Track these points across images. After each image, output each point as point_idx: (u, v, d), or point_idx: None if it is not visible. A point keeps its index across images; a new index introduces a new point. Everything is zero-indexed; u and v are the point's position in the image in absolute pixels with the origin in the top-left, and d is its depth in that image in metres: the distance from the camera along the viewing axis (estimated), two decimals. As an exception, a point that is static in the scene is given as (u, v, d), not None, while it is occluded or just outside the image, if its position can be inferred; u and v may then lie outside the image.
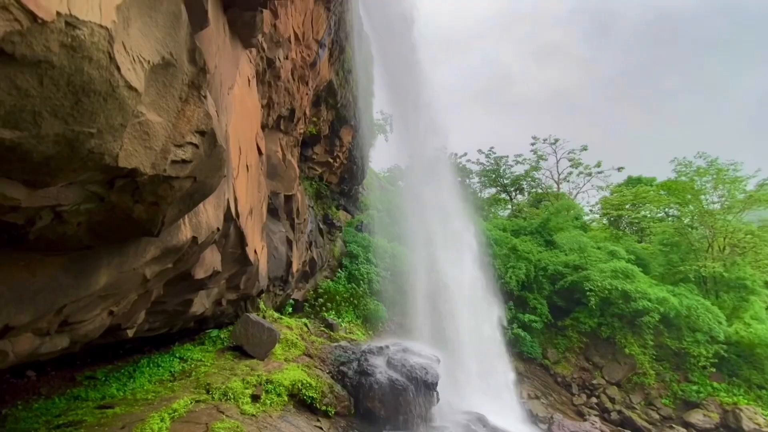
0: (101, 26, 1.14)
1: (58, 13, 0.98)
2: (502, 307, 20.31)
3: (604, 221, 31.09)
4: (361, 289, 17.28)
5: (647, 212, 27.84)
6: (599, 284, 18.74)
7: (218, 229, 4.06)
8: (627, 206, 27.25)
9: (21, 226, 1.75)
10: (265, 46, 10.86)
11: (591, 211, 33.42)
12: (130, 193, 1.92)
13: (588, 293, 18.99)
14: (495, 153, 37.11)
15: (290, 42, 12.24)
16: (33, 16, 0.92)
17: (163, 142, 1.88)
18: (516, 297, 21.44)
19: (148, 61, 1.50)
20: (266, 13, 10.07)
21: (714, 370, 17.01)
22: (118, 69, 1.27)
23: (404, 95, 19.11)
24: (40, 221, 1.85)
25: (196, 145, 2.05)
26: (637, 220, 28.47)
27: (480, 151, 37.97)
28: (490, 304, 19.11)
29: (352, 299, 16.79)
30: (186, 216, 3.41)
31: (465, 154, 39.59)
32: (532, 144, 35.95)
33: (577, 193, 35.92)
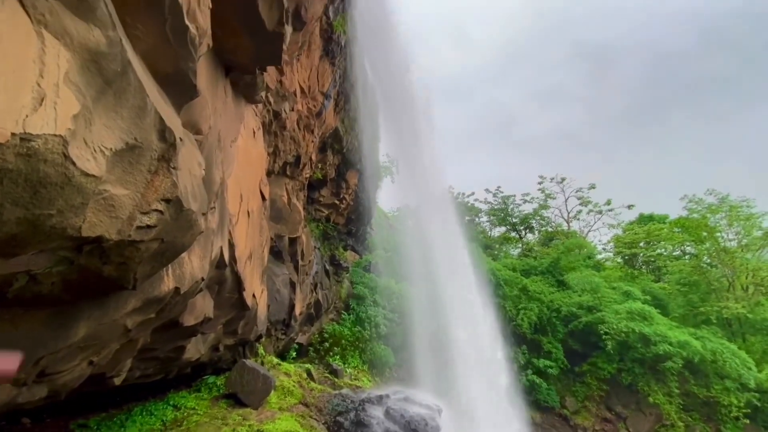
0: (55, 135, 1.41)
1: (13, 134, 1.24)
2: (514, 351, 19.54)
3: (619, 260, 30.30)
4: (368, 332, 16.96)
5: (662, 250, 27.11)
6: (615, 327, 17.97)
7: (203, 278, 4.25)
8: (640, 244, 26.65)
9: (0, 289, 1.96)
10: (271, 100, 11.61)
11: (604, 249, 32.74)
12: (98, 256, 2.14)
13: (604, 336, 18.18)
14: (502, 192, 37.37)
15: (296, 95, 13.04)
16: (-12, 141, 1.18)
17: (129, 211, 2.12)
18: (529, 340, 20.64)
19: (111, 149, 1.76)
20: (272, 70, 10.88)
21: (748, 421, 15.70)
22: (74, 163, 1.52)
23: (408, 139, 19.82)
24: (17, 283, 2.06)
25: (161, 212, 2.29)
26: (652, 259, 27.67)
27: (487, 190, 38.29)
28: (500, 349, 18.43)
29: (358, 343, 16.47)
30: (169, 267, 3.62)
31: (472, 194, 39.97)
32: (540, 183, 36.16)
33: (588, 231, 35.45)
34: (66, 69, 1.45)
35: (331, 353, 15.46)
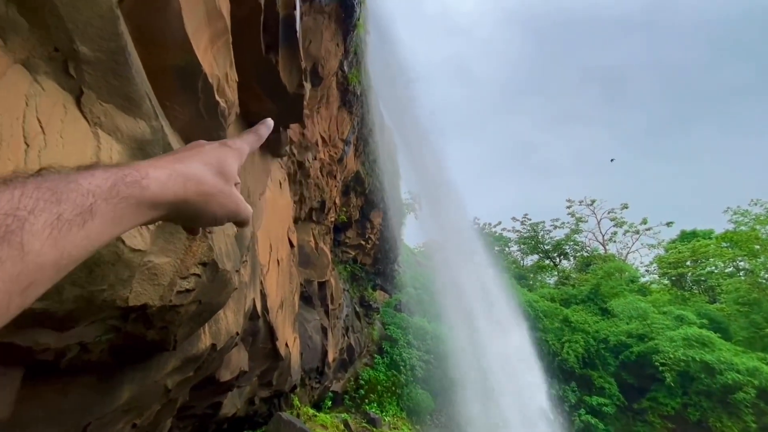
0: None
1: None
2: (563, 388, 18.17)
3: (665, 281, 28.35)
4: (403, 376, 16.35)
5: (713, 268, 25.21)
6: (672, 356, 16.50)
7: (237, 333, 4.33)
8: (687, 263, 24.95)
9: (53, 360, 2.10)
10: (295, 151, 12.21)
11: (647, 271, 30.84)
12: (142, 323, 2.26)
13: (661, 368, 16.68)
14: (530, 219, 36.60)
15: (318, 145, 13.67)
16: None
17: (170, 278, 2.26)
18: (578, 376, 19.20)
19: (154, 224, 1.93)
20: (294, 125, 11.55)
21: None
22: (123, 242, 1.68)
23: (428, 175, 20.10)
24: (69, 353, 2.20)
25: (198, 275, 2.42)
26: (703, 278, 25.72)
27: (514, 219, 37.61)
28: (546, 388, 17.21)
29: (394, 388, 15.84)
30: (206, 324, 3.73)
31: (499, 223, 39.36)
32: (568, 207, 35.25)
33: (627, 253, 33.70)
34: (117, 160, 1.64)
35: (367, 400, 14.91)
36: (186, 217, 0.59)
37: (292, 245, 11.38)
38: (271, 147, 8.07)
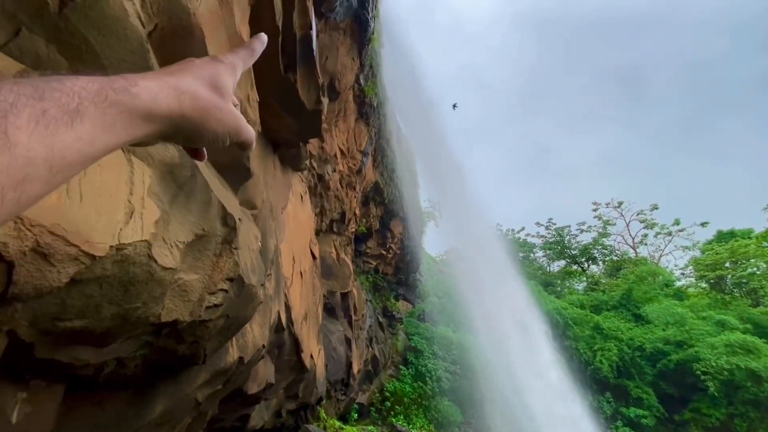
0: (142, 241, 1.66)
1: (111, 246, 1.49)
2: (597, 399, 17.41)
3: (703, 285, 26.88)
4: (429, 387, 16.10)
5: (755, 269, 23.73)
6: (714, 364, 15.56)
7: (263, 346, 4.40)
8: (726, 264, 23.61)
9: (92, 375, 2.20)
10: (315, 165, 12.44)
11: (682, 274, 29.36)
12: (174, 338, 2.35)
13: (703, 376, 15.74)
14: (555, 224, 35.65)
15: (337, 157, 13.88)
16: (93, 257, 1.43)
17: (199, 294, 2.34)
18: (613, 386, 18.38)
19: (184, 242, 2.01)
20: (313, 140, 11.80)
21: None
22: (155, 261, 1.76)
23: (446, 183, 20.00)
24: (107, 368, 2.30)
25: (226, 290, 2.50)
26: (744, 280, 24.23)
27: (538, 224, 36.77)
28: (579, 398, 16.54)
29: (421, 400, 15.61)
30: (234, 338, 3.82)
31: (522, 229, 38.53)
32: (594, 210, 34.19)
33: (660, 256, 32.23)
34: (149, 183, 1.73)
35: (393, 413, 14.73)
36: (185, 134, 0.55)
37: (314, 257, 11.52)
38: (292, 161, 8.26)
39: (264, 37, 0.82)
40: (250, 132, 0.65)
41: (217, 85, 0.59)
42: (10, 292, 1.24)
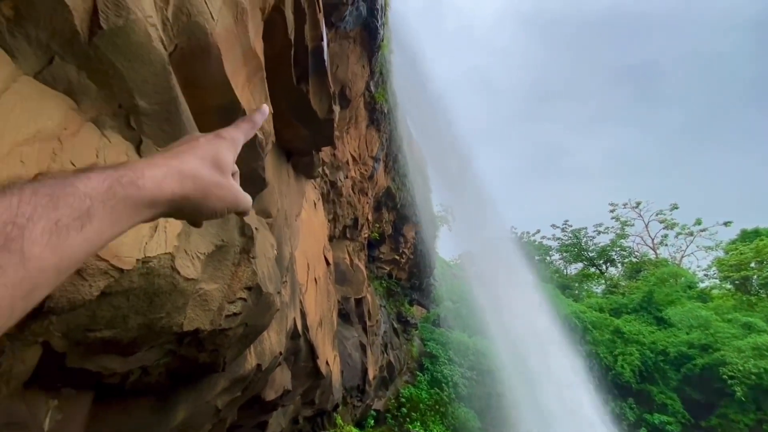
0: (166, 253, 1.73)
1: (137, 260, 1.56)
2: (619, 405, 16.94)
3: (728, 286, 25.96)
4: (446, 394, 15.93)
5: (783, 269, 22.80)
6: (741, 368, 14.99)
7: (281, 353, 4.46)
8: (751, 265, 22.76)
9: (118, 383, 2.28)
10: (327, 171, 12.57)
11: (706, 275, 28.42)
12: (195, 346, 2.42)
13: (730, 381, 15.17)
14: (571, 226, 35.01)
15: (348, 164, 13.98)
16: (121, 270, 1.50)
17: (219, 303, 2.40)
18: (635, 391, 17.87)
19: (204, 253, 2.08)
20: (326, 147, 11.93)
21: None
22: (178, 272, 1.83)
23: (458, 186, 19.92)
24: (132, 376, 2.38)
25: (244, 299, 2.56)
26: (772, 280, 23.30)
27: (554, 226, 36.15)
28: (600, 404, 16.11)
29: (437, 407, 15.45)
30: (252, 345, 3.89)
31: (537, 231, 37.97)
32: (611, 210, 33.48)
33: (682, 257, 31.30)
34: (172, 198, 1.81)
35: (409, 419, 14.63)
36: (186, 213, 0.59)
37: (328, 263, 11.59)
38: (305, 169, 8.37)
39: (265, 109, 0.88)
40: (247, 201, 0.71)
41: (219, 163, 0.64)
42: (46, 306, 1.31)
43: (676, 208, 30.81)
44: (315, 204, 10.66)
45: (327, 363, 8.85)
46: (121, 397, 2.68)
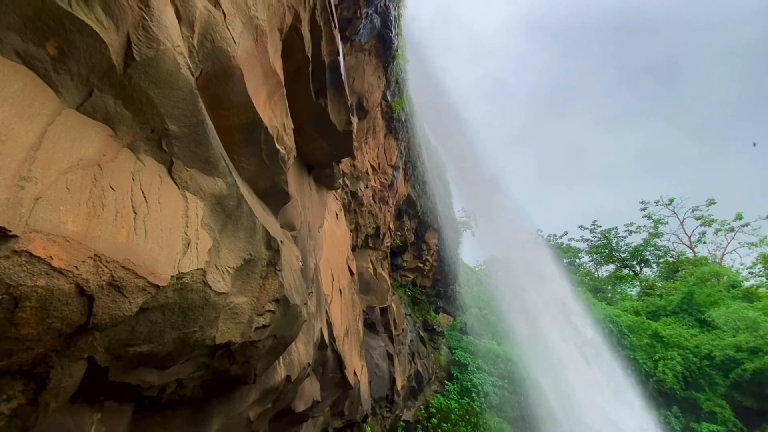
0: (198, 269, 1.80)
1: (171, 276, 1.63)
2: (663, 414, 16.03)
3: (777, 284, 24.29)
4: (477, 403, 15.54)
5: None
6: (799, 373, 13.92)
7: (309, 364, 4.50)
8: (802, 261, 21.24)
9: (156, 396, 2.37)
10: (348, 182, 12.72)
11: (750, 273, 26.69)
12: (227, 358, 2.48)
13: (786, 387, 14.11)
14: (600, 226, 33.79)
15: (368, 173, 14.10)
16: (157, 287, 1.57)
17: (249, 315, 2.46)
18: (680, 399, 16.86)
19: (233, 267, 2.15)
20: (346, 158, 12.09)
21: None
22: (210, 287, 1.90)
23: (480, 190, 19.68)
24: (168, 389, 2.46)
25: (273, 311, 2.61)
26: (827, 277, 21.65)
27: (582, 227, 34.99)
28: (643, 412, 15.30)
29: (468, 417, 15.09)
30: (281, 357, 3.95)
31: (565, 233, 36.83)
32: (643, 209, 32.10)
33: (723, 254, 29.54)
34: (202, 216, 1.89)
35: (440, 430, 14.34)
36: None
37: (352, 273, 11.65)
38: (326, 181, 8.51)
39: None
40: None
41: None
42: (91, 323, 1.39)
43: (713, 203, 29.23)
44: (337, 215, 10.78)
45: (354, 373, 8.85)
46: (159, 410, 2.78)
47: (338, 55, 4.90)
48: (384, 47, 10.69)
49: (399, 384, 13.30)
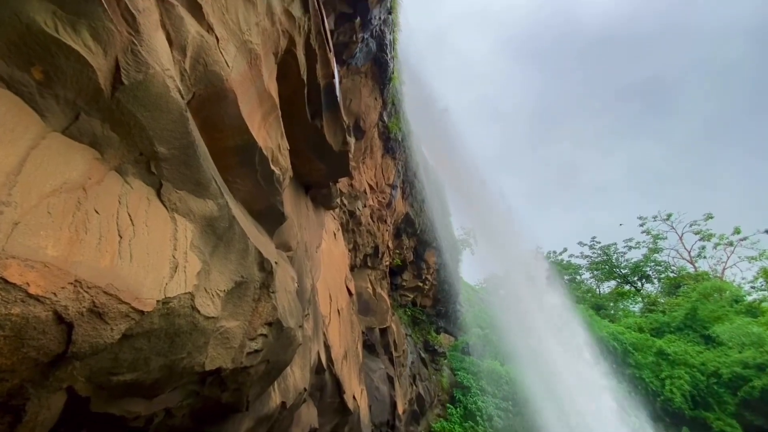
0: (186, 293, 1.76)
1: (157, 301, 1.59)
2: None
3: (780, 298, 24.04)
4: (481, 428, 15.07)
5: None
6: (809, 390, 13.58)
7: (305, 389, 4.36)
8: (804, 274, 21.09)
9: (143, 427, 2.26)
10: (345, 202, 12.73)
11: (753, 288, 26.46)
12: (218, 386, 2.39)
13: (798, 405, 13.73)
14: (599, 242, 33.71)
15: (366, 193, 14.13)
16: (142, 312, 1.53)
17: (240, 340, 2.39)
18: (689, 419, 16.37)
19: (224, 290, 2.10)
20: (343, 178, 12.15)
21: None
22: (198, 311, 1.85)
23: (478, 208, 19.71)
24: (156, 419, 2.36)
25: (265, 335, 2.54)
26: (830, 290, 21.46)
27: (581, 243, 34.88)
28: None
29: (472, 441, 14.62)
30: (275, 382, 3.82)
31: (565, 250, 36.73)
32: (641, 225, 32.09)
33: (724, 269, 29.36)
34: (191, 238, 1.86)
35: (444, 456, 13.85)
36: None
37: (350, 293, 11.49)
38: (324, 201, 8.50)
39: None
40: None
41: None
42: (70, 351, 1.33)
43: (711, 217, 29.30)
44: (335, 234, 10.72)
45: (354, 398, 8.60)
46: (147, 441, 2.65)
47: (333, 77, 4.98)
48: (380, 70, 10.91)
49: (400, 408, 12.91)
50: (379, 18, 9.49)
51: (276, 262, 3.13)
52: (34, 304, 1.16)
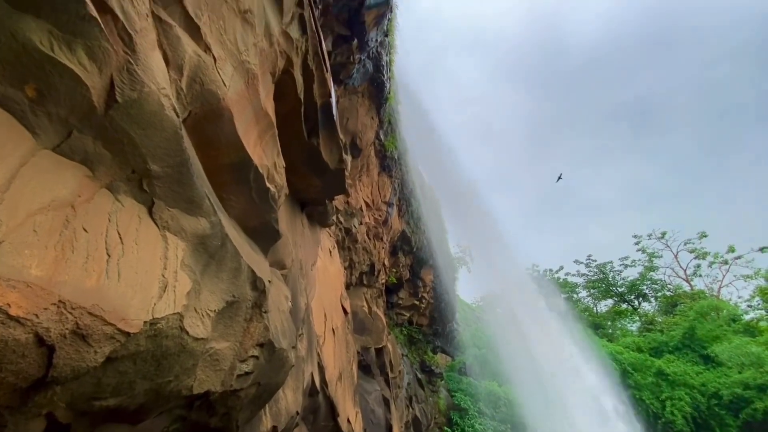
0: (174, 313, 1.71)
1: (144, 322, 1.54)
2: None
3: (777, 317, 24.00)
4: (479, 451, 14.67)
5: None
6: (811, 412, 13.39)
7: (298, 412, 4.23)
8: (799, 293, 21.14)
9: (126, 455, 2.15)
10: (341, 219, 12.71)
11: (750, 306, 26.41)
12: (206, 410, 2.30)
13: (801, 428, 13.50)
14: (595, 260, 33.70)
15: (362, 210, 14.14)
16: (128, 334, 1.48)
17: (230, 362, 2.32)
18: (691, 442, 16.04)
19: (214, 310, 2.05)
20: (339, 196, 12.17)
21: None
22: (187, 332, 1.79)
23: (474, 226, 19.75)
24: (141, 447, 2.25)
25: (256, 357, 2.47)
26: (827, 309, 21.46)
27: (577, 261, 34.87)
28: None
29: (469, 466, 14.18)
30: (266, 406, 3.70)
31: (561, 268, 36.61)
32: (636, 243, 32.22)
33: (720, 287, 29.36)
34: (182, 257, 1.82)
35: (441, 482, 13.37)
36: None
37: (345, 312, 11.33)
38: (320, 218, 8.48)
39: None
40: None
41: None
42: (50, 375, 1.28)
43: (705, 236, 29.49)
44: (330, 252, 10.64)
45: (348, 421, 8.35)
46: (130, 470, 2.53)
47: (330, 97, 5.05)
48: (376, 90, 11.10)
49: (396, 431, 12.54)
50: (376, 40, 9.73)
51: (269, 281, 3.08)
52: (14, 326, 1.12)
